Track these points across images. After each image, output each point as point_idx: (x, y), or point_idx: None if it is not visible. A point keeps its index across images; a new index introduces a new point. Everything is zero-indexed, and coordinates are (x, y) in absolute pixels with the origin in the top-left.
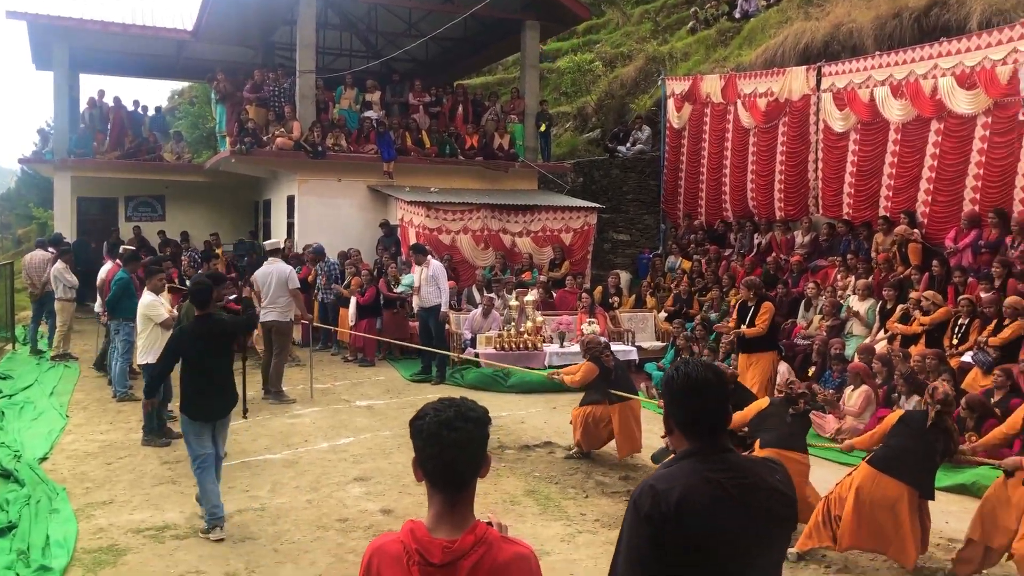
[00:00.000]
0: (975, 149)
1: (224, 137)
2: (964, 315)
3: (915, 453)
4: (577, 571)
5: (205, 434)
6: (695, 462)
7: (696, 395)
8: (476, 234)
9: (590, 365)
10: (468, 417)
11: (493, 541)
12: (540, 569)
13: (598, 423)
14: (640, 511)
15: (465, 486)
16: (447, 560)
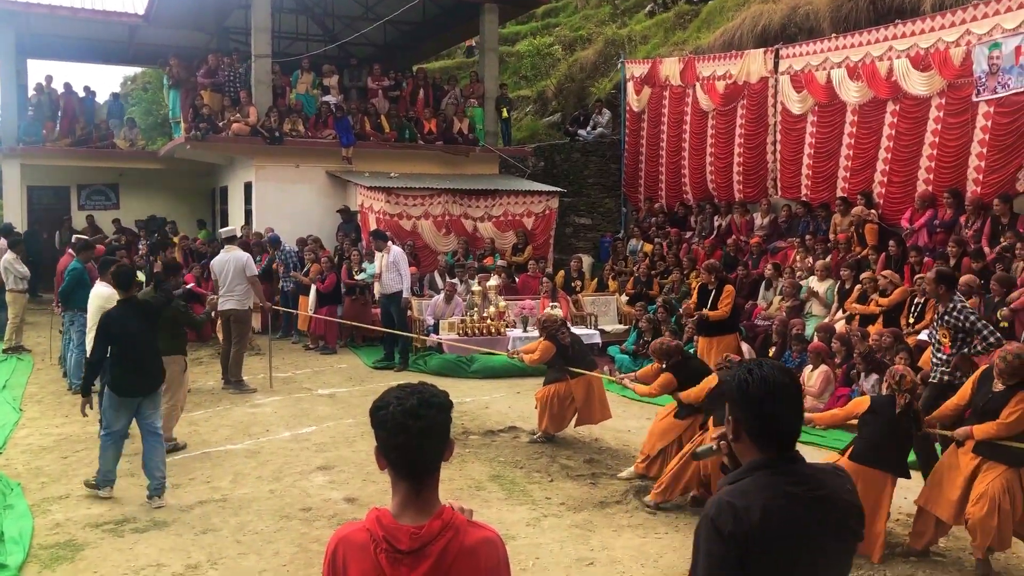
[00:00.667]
0: (929, 130)
1: (178, 123)
2: (920, 294)
3: (891, 440)
4: (543, 555)
5: (124, 411)
6: (769, 474)
7: (773, 400)
8: (437, 219)
9: (547, 343)
10: (432, 404)
11: (460, 525)
12: (507, 553)
13: (563, 401)
14: (721, 531)
15: (431, 473)
16: (415, 546)
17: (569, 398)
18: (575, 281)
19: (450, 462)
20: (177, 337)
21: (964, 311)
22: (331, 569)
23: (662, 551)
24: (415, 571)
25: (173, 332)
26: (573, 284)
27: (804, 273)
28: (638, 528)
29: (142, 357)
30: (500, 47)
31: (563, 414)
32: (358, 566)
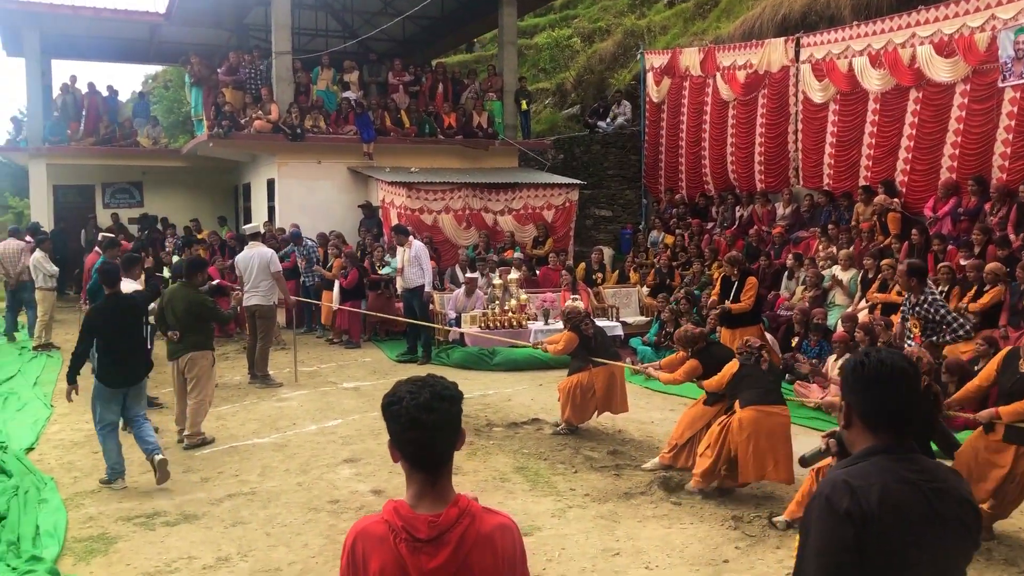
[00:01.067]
0: (953, 117)
1: (201, 121)
2: (944, 282)
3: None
4: (568, 545)
5: (114, 401)
6: (885, 459)
7: (890, 385)
8: (458, 213)
9: (570, 334)
10: (444, 396)
11: (476, 512)
12: (522, 538)
13: (585, 391)
14: (837, 509)
15: (445, 463)
16: (434, 534)
17: (591, 389)
18: (596, 273)
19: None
20: (205, 332)
21: (935, 303)
22: (350, 562)
23: (687, 541)
24: (435, 559)
25: (201, 328)
26: (594, 276)
27: (827, 263)
28: (663, 519)
29: (127, 350)
30: (519, 40)
31: (585, 405)
32: (379, 557)
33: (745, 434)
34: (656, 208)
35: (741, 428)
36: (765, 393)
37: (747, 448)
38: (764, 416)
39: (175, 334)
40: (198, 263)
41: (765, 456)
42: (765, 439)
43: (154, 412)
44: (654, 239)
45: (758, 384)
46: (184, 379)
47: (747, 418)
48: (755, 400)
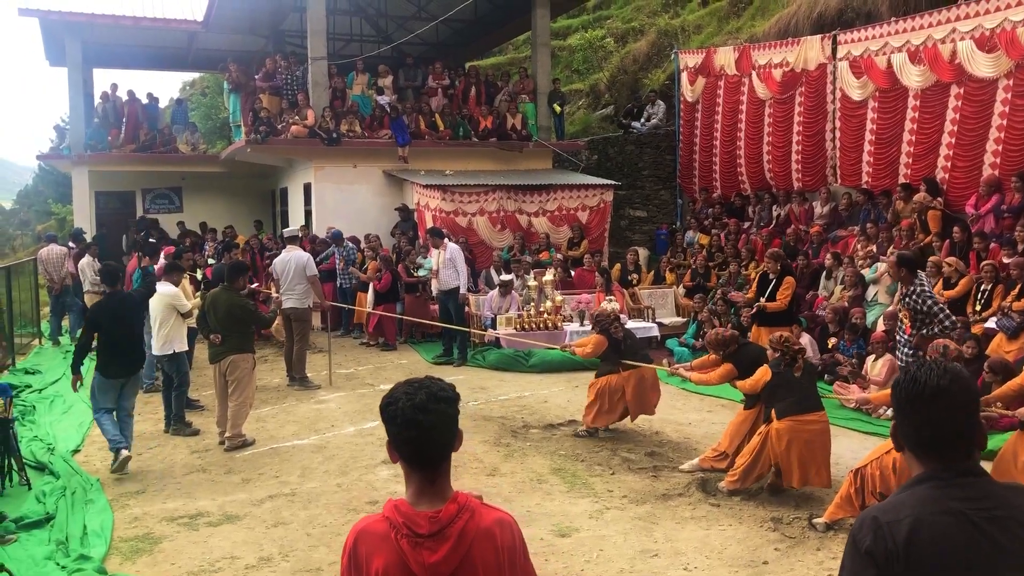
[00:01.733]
0: (996, 113)
1: (238, 127)
2: (987, 280)
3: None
4: (606, 547)
5: (111, 391)
6: (931, 488)
7: (929, 405)
8: (492, 215)
9: (599, 337)
10: (440, 398)
11: (475, 508)
12: (521, 532)
13: (614, 393)
14: (859, 546)
15: (443, 461)
16: (434, 529)
17: (620, 391)
18: (632, 274)
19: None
20: (245, 336)
21: (923, 295)
22: (351, 562)
23: (726, 543)
24: (436, 553)
25: (241, 331)
26: (630, 277)
27: (866, 261)
28: (701, 520)
29: (126, 344)
30: (552, 41)
31: (612, 408)
32: (381, 555)
33: (784, 445)
34: (691, 208)
35: (779, 439)
36: (800, 401)
37: (788, 458)
38: (801, 426)
39: (217, 337)
40: (240, 267)
41: (807, 465)
42: (805, 448)
43: (195, 414)
44: (690, 239)
45: (792, 392)
46: (225, 381)
47: (784, 429)
48: (791, 410)
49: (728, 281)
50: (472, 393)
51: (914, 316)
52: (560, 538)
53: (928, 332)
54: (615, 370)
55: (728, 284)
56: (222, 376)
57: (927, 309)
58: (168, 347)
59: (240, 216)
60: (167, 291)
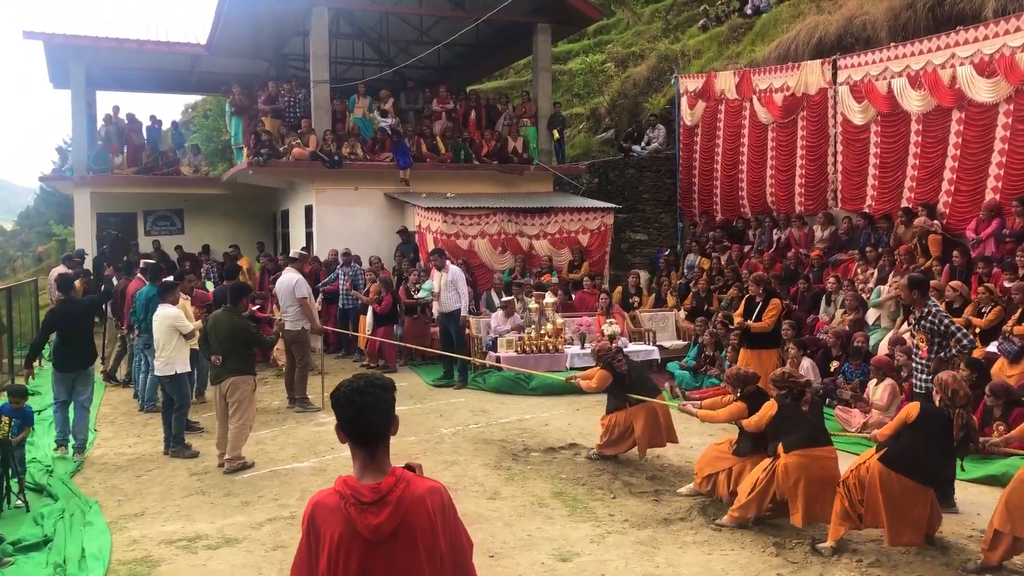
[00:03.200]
0: (998, 137)
1: (240, 149)
2: (985, 303)
3: (928, 451)
4: (608, 571)
5: (65, 384)
6: None
7: None
8: (493, 238)
9: (603, 372)
10: (375, 384)
11: (411, 479)
12: (451, 498)
13: (624, 430)
14: None
15: (381, 441)
16: (376, 498)
17: (630, 427)
18: (633, 297)
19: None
20: (246, 358)
21: (939, 315)
22: (308, 529)
23: (728, 568)
24: (379, 516)
25: (243, 353)
26: (631, 300)
27: (867, 285)
28: (703, 545)
29: (77, 343)
30: (552, 65)
31: (623, 441)
32: (333, 523)
33: (792, 480)
34: (692, 231)
35: (788, 474)
36: (810, 435)
37: (796, 494)
38: (811, 461)
39: (218, 358)
40: (243, 289)
41: (815, 501)
42: (815, 485)
43: (194, 436)
44: (691, 262)
45: (801, 426)
46: (226, 403)
47: (793, 464)
48: (800, 444)
49: (729, 304)
50: (473, 416)
51: (931, 338)
52: (561, 562)
53: (946, 354)
54: (622, 405)
55: (730, 308)
56: (222, 398)
57: (944, 329)
58: (170, 368)
59: (242, 238)
60: (168, 312)
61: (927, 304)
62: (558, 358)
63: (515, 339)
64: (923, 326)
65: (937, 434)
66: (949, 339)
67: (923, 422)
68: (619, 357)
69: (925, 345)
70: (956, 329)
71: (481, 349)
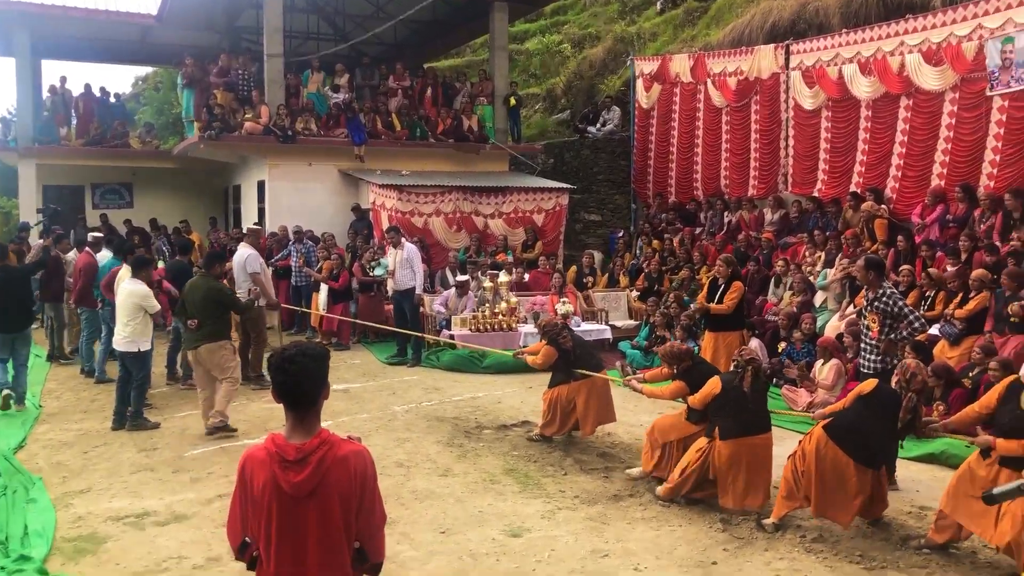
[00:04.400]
0: (944, 125)
1: (192, 123)
2: (928, 287)
3: (875, 432)
4: (558, 547)
5: (5, 345)
6: None
7: None
8: (448, 216)
9: (549, 348)
10: (306, 353)
11: (335, 441)
12: (374, 463)
13: (565, 405)
14: None
15: (310, 405)
16: (299, 457)
17: (572, 403)
18: (587, 277)
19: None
20: (222, 322)
21: (893, 296)
22: (241, 480)
23: (676, 543)
24: (300, 475)
25: (218, 317)
26: (585, 280)
27: (814, 268)
28: (652, 521)
29: (13, 308)
30: (509, 45)
31: (565, 419)
32: (260, 475)
33: (726, 466)
34: (646, 213)
35: (721, 459)
36: (747, 422)
37: (728, 478)
38: (746, 449)
39: (193, 322)
40: (217, 255)
41: (747, 488)
42: (747, 471)
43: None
44: (642, 245)
45: (740, 411)
46: (203, 370)
47: (727, 451)
48: (736, 432)
49: (681, 285)
50: (426, 393)
51: (883, 319)
52: (512, 538)
53: (896, 336)
54: (566, 380)
55: (681, 288)
56: (199, 365)
57: (897, 311)
58: (133, 345)
59: (193, 213)
60: (137, 290)
61: (882, 285)
62: (511, 336)
63: (469, 317)
64: (876, 307)
65: (884, 414)
66: (901, 321)
67: (874, 399)
68: (564, 333)
69: (876, 326)
70: (909, 311)
71: (435, 327)
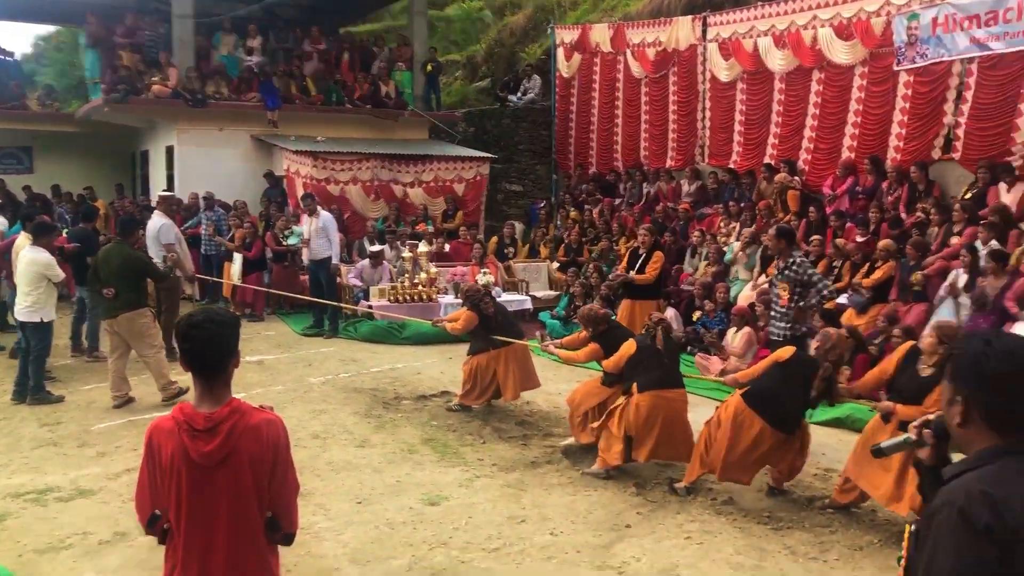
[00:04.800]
0: (854, 99)
1: (96, 84)
2: (836, 258)
3: (786, 395)
4: (475, 514)
5: None
6: (1019, 462)
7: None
8: (366, 185)
9: (470, 313)
10: (214, 320)
11: (246, 410)
12: (287, 433)
13: (485, 373)
14: (975, 523)
15: (218, 372)
16: (208, 426)
17: (492, 370)
18: (508, 248)
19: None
20: (140, 291)
21: (803, 265)
22: (148, 452)
23: (591, 508)
24: (209, 444)
25: (136, 285)
26: (506, 251)
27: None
28: (568, 486)
29: None
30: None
31: (485, 387)
32: (168, 445)
33: (643, 419)
34: (566, 183)
35: (638, 413)
36: (663, 377)
37: (644, 433)
38: (663, 401)
39: (110, 291)
40: (133, 222)
41: (663, 442)
42: (663, 425)
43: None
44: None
45: (656, 367)
46: (119, 339)
47: (645, 404)
48: (653, 385)
49: (600, 256)
50: (343, 365)
51: (793, 287)
52: (429, 506)
53: (805, 304)
54: (486, 348)
55: (600, 259)
56: (116, 335)
57: (807, 279)
58: (35, 315)
59: (98, 179)
60: (39, 258)
61: (792, 254)
62: (431, 307)
63: (387, 288)
64: (786, 275)
65: (799, 381)
66: (810, 289)
67: (791, 365)
68: (487, 299)
69: (786, 294)
70: (818, 279)
71: (352, 298)
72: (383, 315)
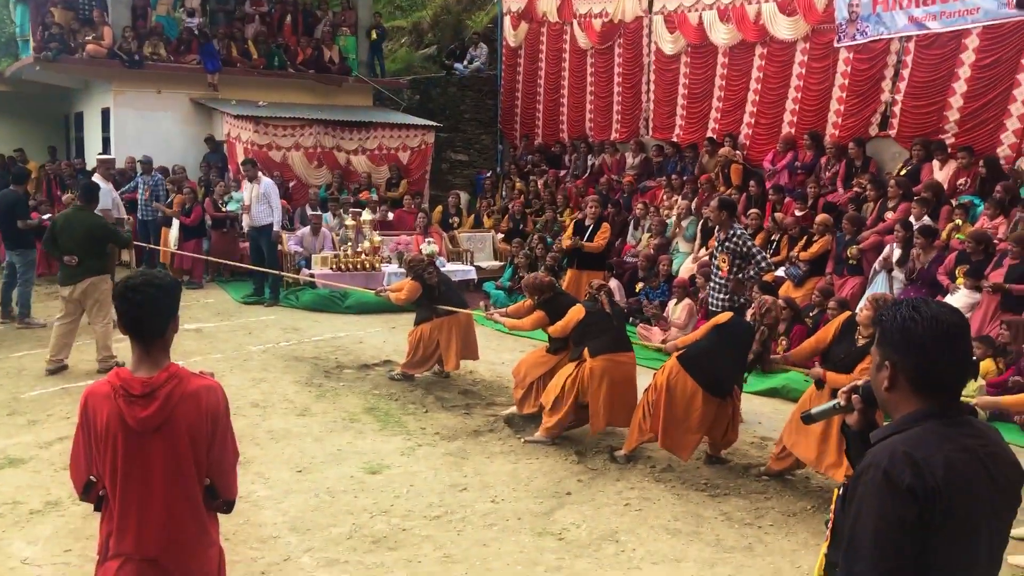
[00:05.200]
0: (795, 74)
1: (27, 42)
2: (774, 231)
3: (720, 359)
4: (417, 482)
5: None
6: (940, 426)
7: (947, 345)
8: (309, 151)
9: (413, 283)
10: (152, 283)
11: (185, 376)
12: (227, 399)
13: (429, 343)
14: (898, 484)
15: (156, 336)
16: (145, 391)
17: (435, 340)
18: (453, 218)
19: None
20: (103, 257)
21: (743, 237)
22: (83, 417)
23: (533, 475)
24: (146, 410)
25: (99, 252)
26: (451, 220)
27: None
28: (510, 454)
29: None
30: None
31: (427, 356)
32: (104, 410)
33: (597, 383)
34: (512, 154)
35: (593, 377)
36: (613, 341)
37: (599, 397)
38: (615, 365)
39: (73, 259)
40: (95, 188)
41: (616, 405)
42: (617, 387)
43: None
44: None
45: (605, 332)
46: (75, 305)
47: (599, 367)
48: (605, 349)
49: (544, 227)
50: (284, 333)
51: (732, 259)
52: (370, 475)
53: (744, 276)
54: (430, 317)
55: (544, 230)
56: (74, 301)
57: (746, 251)
58: None
59: (30, 141)
60: None
61: (733, 227)
62: (375, 276)
63: (330, 256)
64: (727, 247)
65: (735, 345)
66: (749, 261)
67: (728, 329)
68: (430, 269)
69: (726, 265)
70: (757, 251)
71: (294, 266)
72: (325, 283)
